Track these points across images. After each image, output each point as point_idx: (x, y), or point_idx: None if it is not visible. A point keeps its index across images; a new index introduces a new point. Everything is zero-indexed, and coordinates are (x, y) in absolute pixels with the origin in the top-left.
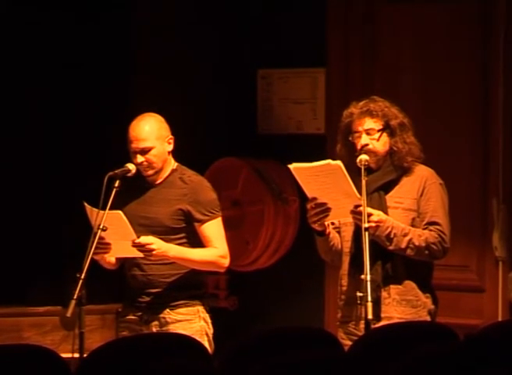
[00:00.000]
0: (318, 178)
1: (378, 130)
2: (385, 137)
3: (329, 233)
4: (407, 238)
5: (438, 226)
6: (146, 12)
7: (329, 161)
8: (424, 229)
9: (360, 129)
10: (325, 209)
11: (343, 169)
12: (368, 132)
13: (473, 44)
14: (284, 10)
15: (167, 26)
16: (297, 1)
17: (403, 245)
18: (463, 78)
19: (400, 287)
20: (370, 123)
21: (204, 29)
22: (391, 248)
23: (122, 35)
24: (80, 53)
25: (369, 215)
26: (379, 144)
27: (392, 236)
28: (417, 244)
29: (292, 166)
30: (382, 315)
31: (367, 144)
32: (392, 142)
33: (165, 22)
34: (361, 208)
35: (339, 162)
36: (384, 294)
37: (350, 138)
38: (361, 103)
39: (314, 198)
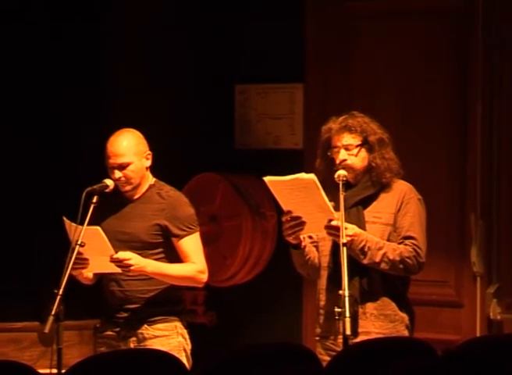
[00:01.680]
0: (292, 191)
1: (357, 146)
2: (363, 152)
3: (305, 246)
4: (382, 252)
5: (413, 241)
6: (121, 26)
7: (303, 174)
8: (400, 243)
9: (338, 144)
10: (299, 223)
11: (317, 183)
12: (346, 147)
13: (450, 57)
14: (262, 26)
15: (143, 41)
16: (275, 16)
17: (378, 259)
18: (441, 92)
19: (377, 302)
20: (348, 139)
21: (182, 44)
22: (365, 261)
23: (98, 49)
24: (55, 66)
25: (344, 228)
26: (357, 159)
27: (366, 249)
28: (391, 258)
29: (267, 179)
30: (360, 330)
31: (345, 160)
32: (370, 158)
33: (141, 36)
34: (335, 223)
35: (312, 176)
36: (361, 309)
37: (329, 153)
38: (340, 118)
39: (289, 212)
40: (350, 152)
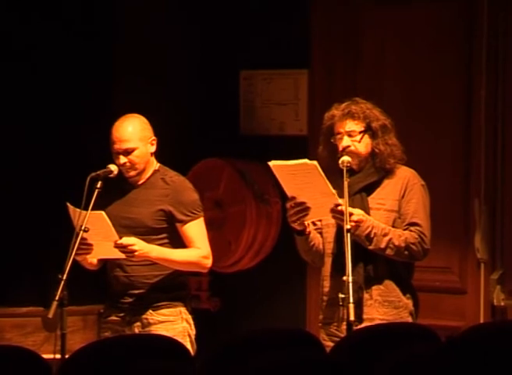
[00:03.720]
0: (296, 177)
1: (360, 132)
2: (366, 138)
3: (309, 232)
4: (387, 238)
5: (418, 227)
6: (127, 12)
7: (306, 160)
8: (405, 230)
9: (341, 131)
10: (304, 208)
11: (319, 169)
12: (349, 134)
13: (456, 46)
14: (267, 11)
15: (148, 27)
16: (281, 2)
17: (383, 245)
18: (445, 80)
19: (381, 288)
20: (351, 125)
21: (187, 30)
22: (371, 247)
23: (103, 36)
24: (60, 55)
25: (350, 214)
26: (361, 145)
27: (372, 235)
28: (396, 244)
29: (271, 164)
30: (364, 316)
31: (348, 146)
32: (374, 144)
33: (146, 22)
34: (341, 208)
35: (314, 162)
36: (366, 295)
37: (332, 140)
38: (343, 105)
39: (294, 197)
40: (354, 139)
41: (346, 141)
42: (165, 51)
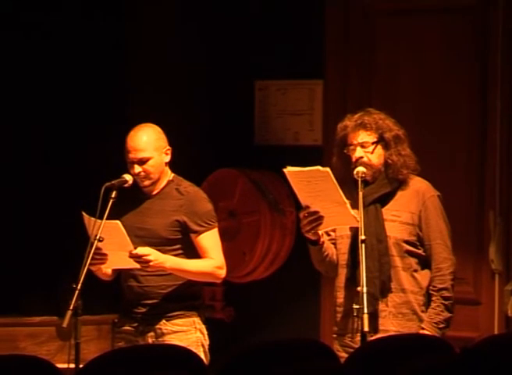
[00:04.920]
0: (309, 184)
1: (373, 143)
2: (379, 149)
3: (323, 242)
4: (446, 315)
5: (442, 249)
6: (143, 23)
7: (318, 167)
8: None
9: (354, 142)
10: (317, 218)
11: (332, 176)
12: (362, 145)
13: (470, 55)
14: (282, 21)
15: (163, 37)
16: (296, 12)
17: (450, 313)
18: (460, 90)
19: (396, 300)
20: (364, 136)
21: (202, 40)
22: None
23: (118, 47)
24: (75, 64)
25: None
26: (374, 156)
27: (443, 325)
28: (451, 297)
29: (286, 170)
30: (380, 328)
31: (361, 157)
32: (387, 155)
33: (160, 32)
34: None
35: (327, 169)
36: (382, 305)
37: (346, 151)
38: (356, 116)
39: (307, 207)
40: (366, 150)
41: (359, 152)
42: (181, 61)
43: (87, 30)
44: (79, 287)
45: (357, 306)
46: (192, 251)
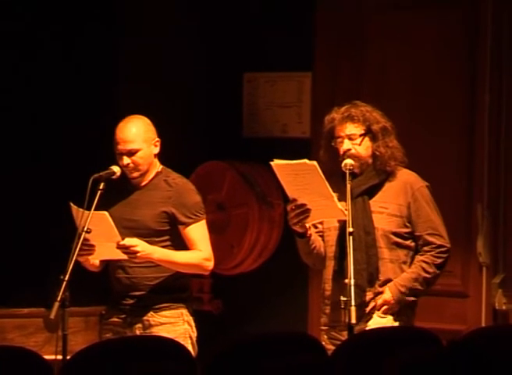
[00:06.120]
0: (297, 177)
1: (360, 135)
2: (367, 141)
3: (310, 235)
4: (418, 281)
5: (432, 245)
6: (130, 15)
7: (305, 160)
8: (424, 248)
9: (342, 134)
10: (304, 210)
11: (318, 170)
12: (349, 137)
13: (460, 51)
14: (271, 13)
15: (152, 29)
16: (285, 5)
17: (422, 287)
18: (449, 84)
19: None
20: (351, 128)
21: (190, 32)
22: (422, 291)
23: (106, 37)
24: (63, 58)
25: (375, 308)
26: (361, 148)
27: (407, 291)
28: (429, 275)
29: (273, 163)
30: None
31: (349, 149)
32: (374, 147)
33: (149, 24)
34: None
35: (314, 162)
36: (369, 296)
37: (333, 143)
38: (343, 108)
39: (295, 200)
40: (354, 142)
41: (346, 145)
42: (169, 53)
43: (83, 23)
44: (66, 278)
45: (345, 298)
46: (180, 243)
